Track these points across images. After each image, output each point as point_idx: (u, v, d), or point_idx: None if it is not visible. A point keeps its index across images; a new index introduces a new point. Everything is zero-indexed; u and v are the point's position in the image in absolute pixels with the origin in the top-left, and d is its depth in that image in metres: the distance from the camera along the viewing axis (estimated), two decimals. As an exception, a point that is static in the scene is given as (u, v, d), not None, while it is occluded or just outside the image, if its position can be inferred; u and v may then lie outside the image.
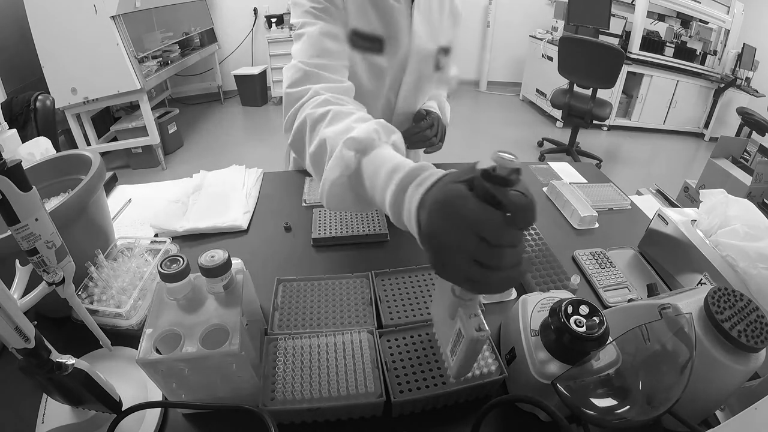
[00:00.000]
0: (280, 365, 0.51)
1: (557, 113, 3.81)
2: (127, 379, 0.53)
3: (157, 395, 0.52)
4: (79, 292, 0.61)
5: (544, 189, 1.05)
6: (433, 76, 0.94)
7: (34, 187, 0.34)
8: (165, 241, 0.72)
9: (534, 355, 0.49)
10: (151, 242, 0.72)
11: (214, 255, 0.47)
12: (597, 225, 0.90)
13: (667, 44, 3.84)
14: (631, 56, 3.76)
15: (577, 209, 0.90)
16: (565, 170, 1.17)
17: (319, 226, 0.84)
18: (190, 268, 0.47)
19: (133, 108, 3.07)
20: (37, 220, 0.35)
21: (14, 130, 1.05)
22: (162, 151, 2.94)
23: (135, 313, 0.60)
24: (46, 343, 0.38)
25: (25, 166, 0.33)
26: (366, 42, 0.79)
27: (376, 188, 0.46)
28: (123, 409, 0.46)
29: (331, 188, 0.51)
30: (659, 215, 0.78)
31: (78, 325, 0.52)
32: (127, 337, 0.58)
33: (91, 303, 0.60)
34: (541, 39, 4.22)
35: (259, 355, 0.53)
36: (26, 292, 0.40)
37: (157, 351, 0.43)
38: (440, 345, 0.51)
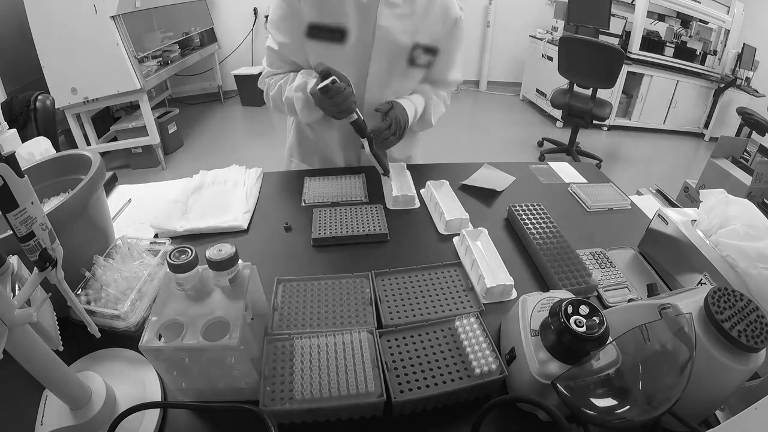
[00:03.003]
0: (280, 365, 0.51)
1: (557, 113, 3.81)
2: (127, 380, 0.53)
3: (156, 395, 0.52)
4: (78, 292, 0.61)
5: (568, 189, 1.06)
6: (407, 71, 0.98)
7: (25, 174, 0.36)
8: (164, 242, 0.72)
9: (534, 355, 0.49)
10: (151, 243, 0.72)
11: (221, 249, 0.49)
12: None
13: (667, 44, 3.84)
14: (631, 56, 3.76)
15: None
16: (565, 170, 1.17)
17: (319, 226, 0.84)
18: (198, 260, 0.49)
19: (133, 108, 3.07)
20: (32, 203, 0.36)
21: (14, 130, 1.05)
22: (162, 151, 2.94)
23: (133, 314, 0.59)
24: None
25: (26, 166, 0.34)
26: (325, 33, 0.90)
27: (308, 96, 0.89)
28: (123, 410, 0.46)
29: (299, 106, 0.93)
30: (659, 215, 0.78)
31: (76, 326, 0.52)
32: (126, 339, 0.58)
33: (89, 303, 0.60)
34: (541, 39, 4.22)
35: (261, 350, 0.53)
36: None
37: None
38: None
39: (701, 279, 0.67)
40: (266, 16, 4.02)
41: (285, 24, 0.91)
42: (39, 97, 1.67)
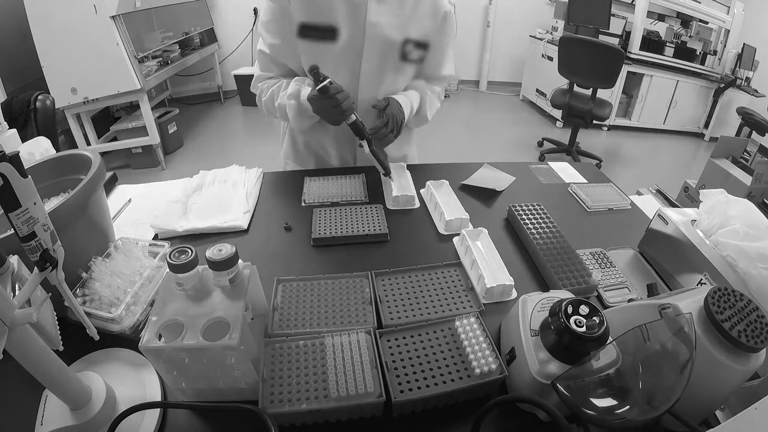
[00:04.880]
0: (278, 367, 0.52)
1: (557, 113, 3.81)
2: (126, 381, 0.53)
3: (156, 395, 0.52)
4: (74, 292, 0.60)
5: (569, 189, 1.07)
6: (399, 66, 0.98)
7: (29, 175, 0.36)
8: (164, 245, 0.71)
9: (534, 355, 0.49)
10: (150, 244, 0.72)
11: (221, 249, 0.49)
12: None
13: (667, 44, 3.84)
14: (631, 56, 3.76)
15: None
16: (565, 170, 1.17)
17: (319, 226, 0.84)
18: (198, 260, 0.49)
19: (133, 108, 3.07)
20: (35, 204, 0.36)
21: (14, 130, 1.05)
22: (162, 151, 2.94)
23: (127, 317, 0.58)
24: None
25: (26, 166, 0.34)
26: (316, 32, 0.90)
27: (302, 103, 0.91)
28: (123, 410, 0.46)
29: (292, 114, 0.95)
30: (659, 215, 0.78)
31: (74, 327, 0.52)
32: (126, 339, 0.58)
33: (84, 304, 0.59)
34: (541, 39, 4.21)
35: (261, 350, 0.53)
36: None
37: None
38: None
39: (701, 279, 0.67)
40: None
41: (275, 25, 0.92)
42: (39, 97, 1.67)
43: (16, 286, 0.41)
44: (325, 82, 0.81)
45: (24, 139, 1.02)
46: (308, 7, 0.88)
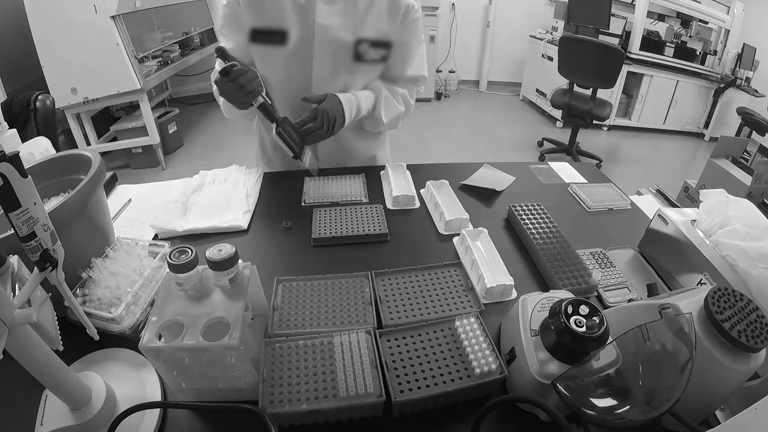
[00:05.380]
0: (278, 368, 0.51)
1: (557, 113, 3.81)
2: (126, 381, 0.53)
3: (156, 395, 0.52)
4: (74, 292, 0.60)
5: (569, 189, 1.06)
6: (354, 68, 0.96)
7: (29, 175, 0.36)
8: (163, 246, 0.71)
9: (534, 355, 0.49)
10: (150, 245, 0.72)
11: (221, 249, 0.49)
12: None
13: (667, 44, 3.84)
14: (631, 56, 3.76)
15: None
16: (565, 170, 1.17)
17: (319, 226, 0.84)
18: (198, 260, 0.49)
19: (133, 108, 3.06)
20: (35, 204, 0.36)
21: (14, 130, 1.05)
22: (162, 151, 2.94)
23: (127, 317, 0.58)
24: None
25: (26, 166, 0.34)
26: (266, 36, 0.90)
27: None
28: (123, 410, 0.46)
29: (221, 103, 0.96)
30: (659, 215, 0.78)
31: (74, 327, 0.52)
32: (126, 339, 0.58)
33: (83, 304, 0.59)
34: (541, 39, 4.21)
35: (261, 350, 0.53)
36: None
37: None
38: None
39: (701, 279, 0.67)
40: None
41: (229, 30, 0.93)
42: (39, 97, 1.67)
43: (16, 286, 0.41)
44: (226, 65, 0.78)
45: (24, 139, 1.02)
46: (257, 12, 0.88)
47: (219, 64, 0.88)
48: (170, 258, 0.48)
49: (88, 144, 2.77)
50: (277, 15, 0.88)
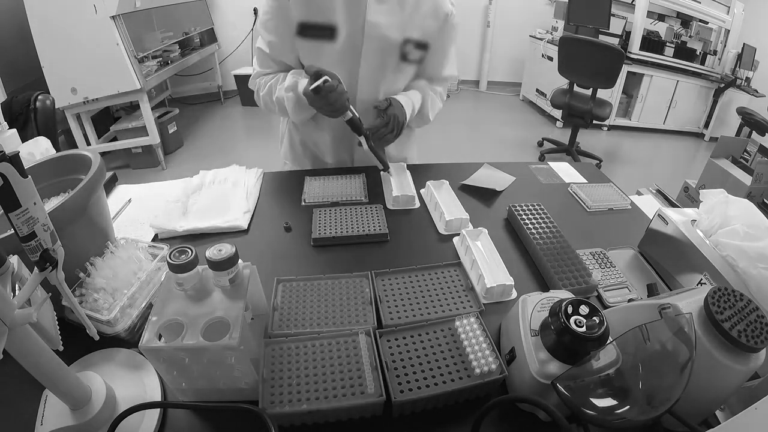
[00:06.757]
0: (278, 368, 0.51)
1: (557, 113, 3.81)
2: (126, 381, 0.53)
3: (156, 395, 0.52)
4: (72, 292, 0.60)
5: (569, 189, 1.06)
6: (399, 67, 0.98)
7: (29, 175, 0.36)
8: (163, 248, 0.71)
9: (534, 355, 0.49)
10: (149, 246, 0.72)
11: (221, 249, 0.49)
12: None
13: (667, 44, 3.84)
14: (631, 56, 3.76)
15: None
16: (565, 170, 1.17)
17: (319, 226, 0.84)
18: (198, 260, 0.49)
19: (133, 108, 3.06)
20: (35, 204, 0.36)
21: (14, 130, 1.05)
22: (162, 151, 2.94)
23: (122, 320, 0.58)
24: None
25: (26, 166, 0.34)
26: (315, 31, 0.91)
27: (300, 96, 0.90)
28: (123, 410, 0.46)
29: (290, 106, 0.95)
30: (659, 215, 0.78)
31: (73, 327, 0.52)
32: (124, 340, 0.58)
33: (80, 304, 0.59)
34: (541, 39, 4.21)
35: (261, 350, 0.53)
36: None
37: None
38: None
39: (701, 279, 0.67)
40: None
41: (274, 23, 0.93)
42: (39, 97, 1.67)
43: (16, 286, 0.41)
44: (318, 82, 0.81)
45: (24, 139, 1.02)
46: (308, 6, 0.88)
47: (294, 75, 0.94)
48: (170, 258, 0.48)
49: (88, 144, 2.77)
50: (327, 10, 0.88)
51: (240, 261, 0.52)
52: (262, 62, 1.00)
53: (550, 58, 4.00)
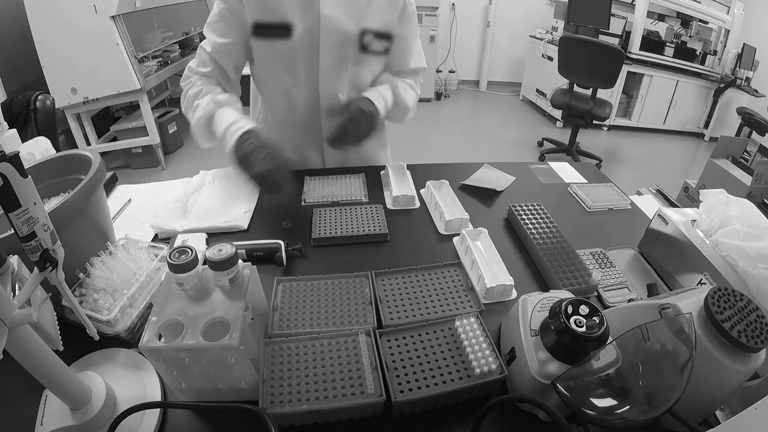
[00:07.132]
0: (278, 368, 0.51)
1: (557, 113, 3.82)
2: (126, 381, 0.53)
3: (156, 395, 0.52)
4: (72, 292, 0.60)
5: (569, 189, 1.05)
6: (360, 59, 0.97)
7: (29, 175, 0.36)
8: (163, 248, 0.71)
9: (534, 355, 0.49)
10: (150, 246, 0.72)
11: (221, 249, 0.49)
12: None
13: (667, 44, 3.84)
14: (631, 56, 3.76)
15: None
16: (565, 170, 1.17)
17: (319, 226, 0.84)
18: (198, 260, 0.49)
19: (133, 108, 3.07)
20: (35, 204, 0.36)
21: (14, 130, 1.05)
22: (162, 151, 2.94)
23: (122, 320, 0.58)
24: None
25: (26, 166, 0.34)
26: (270, 30, 0.90)
27: (219, 129, 0.86)
28: (123, 410, 0.46)
29: (196, 128, 0.92)
30: (659, 215, 0.78)
31: (73, 327, 0.52)
32: (123, 340, 0.58)
33: (80, 304, 0.59)
34: (541, 39, 4.22)
35: (261, 350, 0.53)
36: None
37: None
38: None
39: (701, 279, 0.67)
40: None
41: (221, 25, 0.91)
42: (39, 97, 1.67)
43: (16, 286, 0.41)
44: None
45: (24, 139, 1.02)
46: (261, 6, 0.87)
47: (212, 104, 0.89)
48: (170, 258, 0.48)
49: (88, 144, 2.77)
50: (280, 7, 0.88)
51: (240, 261, 0.52)
52: (201, 61, 0.95)
53: (550, 58, 4.00)
